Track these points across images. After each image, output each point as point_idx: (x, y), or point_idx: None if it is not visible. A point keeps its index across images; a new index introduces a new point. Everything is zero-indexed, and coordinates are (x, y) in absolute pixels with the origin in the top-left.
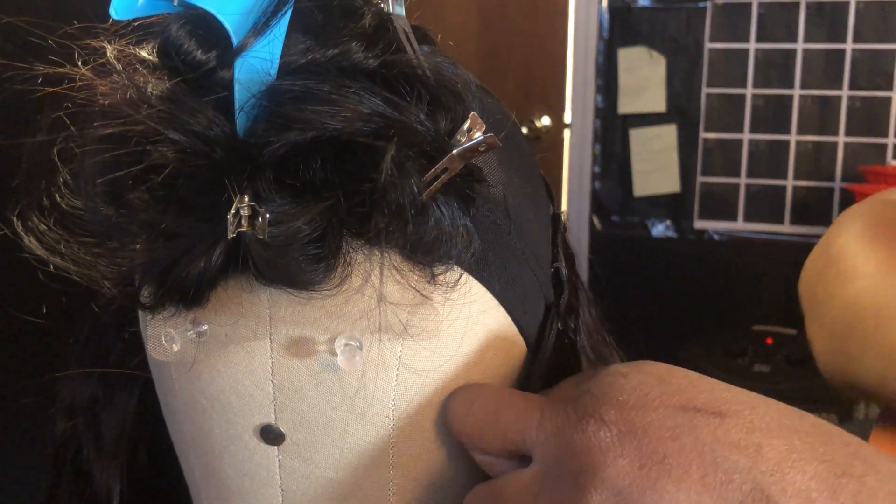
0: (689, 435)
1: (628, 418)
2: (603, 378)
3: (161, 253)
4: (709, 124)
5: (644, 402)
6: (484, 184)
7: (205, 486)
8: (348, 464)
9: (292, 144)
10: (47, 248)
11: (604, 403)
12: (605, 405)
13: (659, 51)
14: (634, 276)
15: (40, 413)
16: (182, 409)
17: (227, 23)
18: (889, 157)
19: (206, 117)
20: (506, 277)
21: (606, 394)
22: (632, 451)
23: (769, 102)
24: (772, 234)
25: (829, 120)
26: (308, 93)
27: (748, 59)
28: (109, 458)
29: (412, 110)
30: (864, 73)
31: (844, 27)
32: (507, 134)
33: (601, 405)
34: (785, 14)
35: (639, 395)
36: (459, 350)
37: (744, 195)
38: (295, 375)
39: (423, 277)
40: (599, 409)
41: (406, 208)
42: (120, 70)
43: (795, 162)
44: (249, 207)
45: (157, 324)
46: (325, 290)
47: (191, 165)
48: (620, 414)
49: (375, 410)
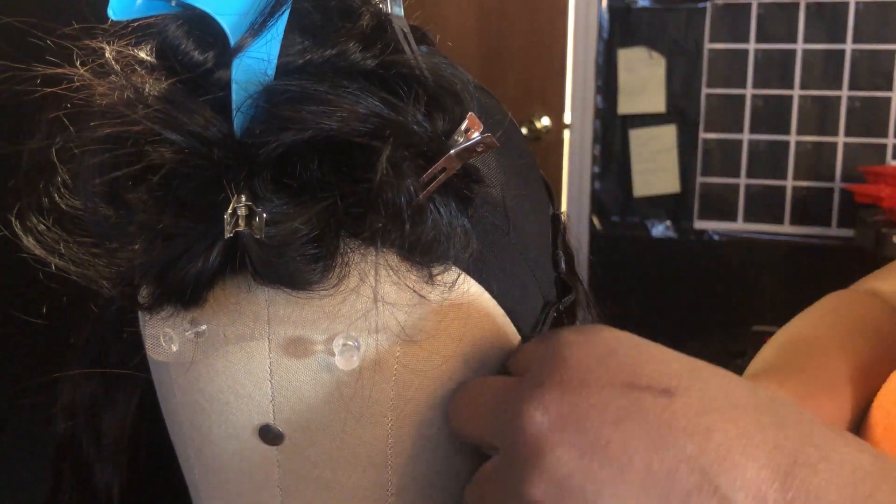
0: (634, 419)
1: (570, 401)
2: (548, 350)
3: (159, 253)
4: (708, 125)
5: (587, 379)
6: (482, 184)
7: (204, 485)
8: (347, 464)
9: (289, 145)
10: (46, 248)
11: (544, 380)
12: (547, 386)
13: (659, 51)
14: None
15: (40, 413)
16: (181, 409)
17: (225, 23)
18: (889, 157)
19: (203, 117)
20: (504, 278)
21: (549, 372)
22: (573, 438)
23: (769, 103)
24: (772, 235)
25: (828, 120)
26: (305, 93)
27: (748, 59)
28: (110, 457)
29: (409, 111)
30: (864, 73)
31: (844, 27)
32: (505, 134)
33: (543, 386)
34: (785, 14)
35: (583, 372)
36: (457, 350)
37: (743, 195)
38: (293, 375)
39: (420, 278)
40: (541, 390)
41: (403, 208)
42: (118, 71)
43: (795, 162)
44: (247, 207)
45: (155, 324)
46: (323, 290)
47: (188, 166)
48: (562, 396)
49: (374, 411)
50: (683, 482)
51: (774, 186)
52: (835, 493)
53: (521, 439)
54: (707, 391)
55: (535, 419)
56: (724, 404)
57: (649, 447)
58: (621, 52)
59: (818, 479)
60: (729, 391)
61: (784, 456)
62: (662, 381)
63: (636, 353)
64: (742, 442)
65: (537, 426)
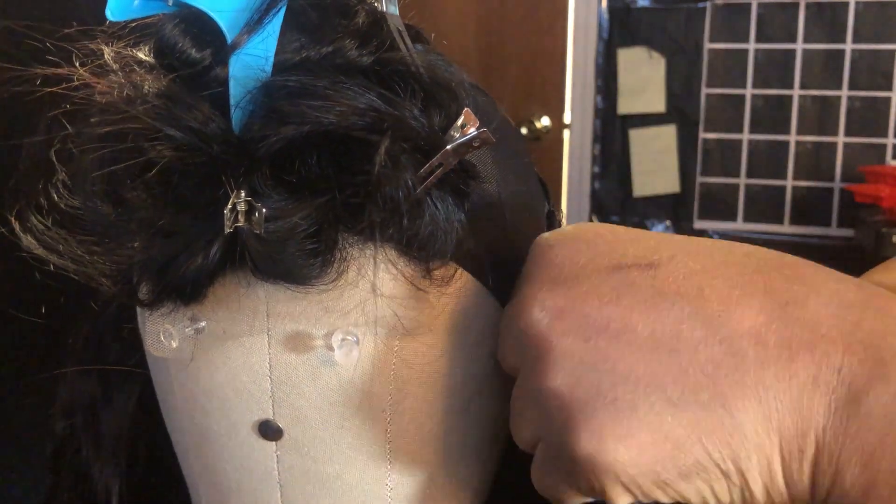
0: (627, 294)
1: (565, 293)
2: (532, 254)
3: (159, 250)
4: (708, 125)
5: (575, 271)
6: (478, 180)
7: (203, 482)
8: (346, 458)
9: (288, 140)
10: (46, 246)
11: (535, 283)
12: (538, 285)
13: (659, 51)
14: None
15: (40, 412)
16: (180, 405)
17: (221, 21)
18: (889, 157)
19: (202, 113)
20: (500, 272)
21: (537, 273)
22: (574, 326)
23: (769, 103)
24: (771, 235)
25: (828, 120)
26: (303, 88)
27: (748, 59)
28: (109, 456)
29: (406, 106)
30: (864, 73)
31: (844, 27)
32: (501, 131)
33: (534, 286)
34: (784, 14)
35: (570, 265)
36: (455, 344)
37: (743, 195)
38: (293, 371)
39: (418, 272)
40: (534, 291)
41: (400, 202)
42: (117, 70)
43: (795, 162)
44: (246, 203)
45: (155, 320)
46: (322, 284)
47: (187, 162)
48: (556, 290)
49: (373, 405)
50: (689, 338)
51: (774, 186)
52: (826, 325)
53: (529, 342)
54: (689, 256)
55: (535, 318)
56: (707, 264)
57: (649, 315)
58: (621, 52)
59: (809, 313)
60: (708, 252)
61: (775, 298)
62: (646, 257)
63: (615, 239)
64: (735, 293)
65: (539, 323)
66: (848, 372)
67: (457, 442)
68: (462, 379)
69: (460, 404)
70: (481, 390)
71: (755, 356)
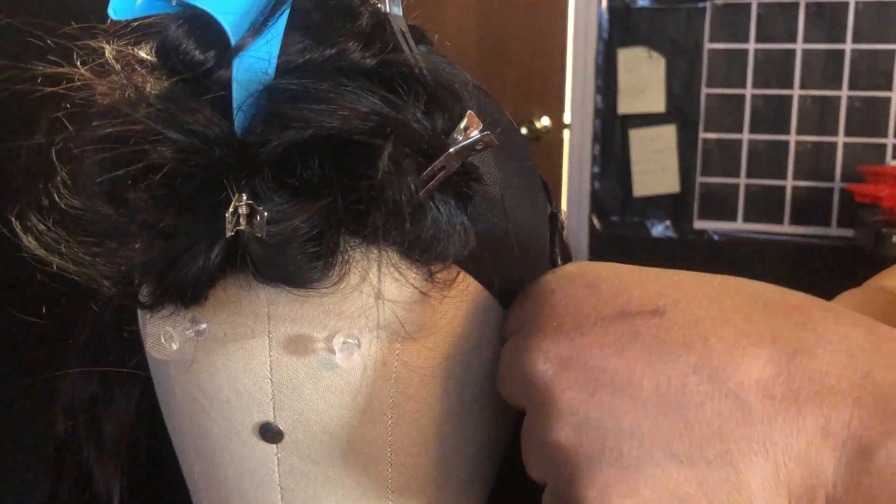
0: (632, 344)
1: (568, 343)
2: (534, 300)
3: (160, 252)
4: (708, 125)
5: (579, 319)
6: (481, 182)
7: (204, 484)
8: (347, 461)
9: (290, 143)
10: (46, 247)
11: (538, 331)
12: (541, 335)
13: (658, 51)
14: None
15: (40, 413)
16: (181, 407)
17: (225, 22)
18: (888, 157)
19: (204, 116)
20: (503, 275)
21: (540, 320)
22: (578, 379)
23: (769, 103)
24: (771, 235)
25: (828, 120)
26: (306, 92)
27: (748, 59)
28: (110, 457)
29: (409, 109)
30: (864, 73)
31: (844, 27)
32: (504, 134)
33: (537, 335)
34: (784, 14)
35: (573, 311)
36: (457, 348)
37: (743, 195)
38: (294, 373)
39: (420, 275)
40: (537, 340)
41: (403, 206)
42: (118, 70)
43: (795, 162)
44: (248, 206)
45: (156, 322)
46: (324, 287)
47: (189, 165)
48: (558, 341)
49: (374, 408)
50: (695, 393)
51: (774, 186)
52: (835, 375)
53: (533, 392)
54: (695, 301)
55: (539, 369)
56: (713, 310)
57: (654, 368)
58: (621, 52)
59: (817, 363)
60: (715, 296)
61: (783, 347)
62: (651, 302)
63: (619, 282)
64: (741, 342)
65: (543, 375)
66: (858, 425)
67: (458, 444)
68: (464, 381)
69: (462, 407)
70: (483, 392)
71: (762, 410)
